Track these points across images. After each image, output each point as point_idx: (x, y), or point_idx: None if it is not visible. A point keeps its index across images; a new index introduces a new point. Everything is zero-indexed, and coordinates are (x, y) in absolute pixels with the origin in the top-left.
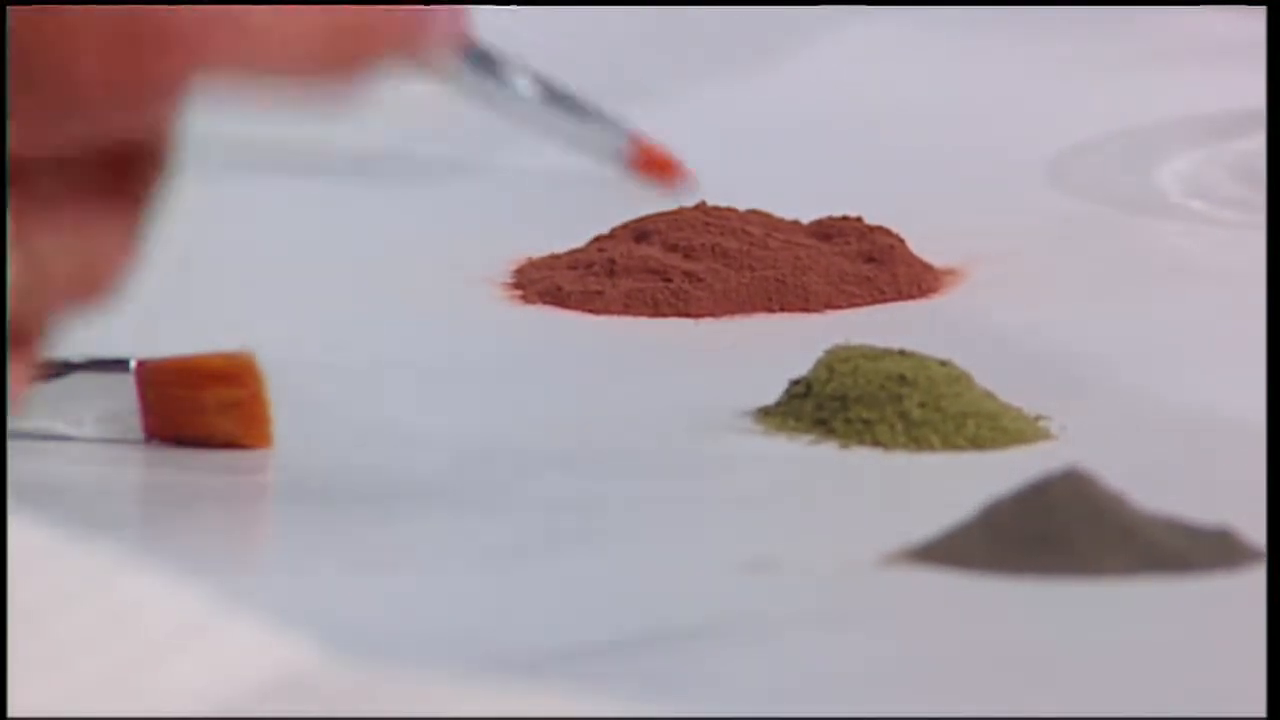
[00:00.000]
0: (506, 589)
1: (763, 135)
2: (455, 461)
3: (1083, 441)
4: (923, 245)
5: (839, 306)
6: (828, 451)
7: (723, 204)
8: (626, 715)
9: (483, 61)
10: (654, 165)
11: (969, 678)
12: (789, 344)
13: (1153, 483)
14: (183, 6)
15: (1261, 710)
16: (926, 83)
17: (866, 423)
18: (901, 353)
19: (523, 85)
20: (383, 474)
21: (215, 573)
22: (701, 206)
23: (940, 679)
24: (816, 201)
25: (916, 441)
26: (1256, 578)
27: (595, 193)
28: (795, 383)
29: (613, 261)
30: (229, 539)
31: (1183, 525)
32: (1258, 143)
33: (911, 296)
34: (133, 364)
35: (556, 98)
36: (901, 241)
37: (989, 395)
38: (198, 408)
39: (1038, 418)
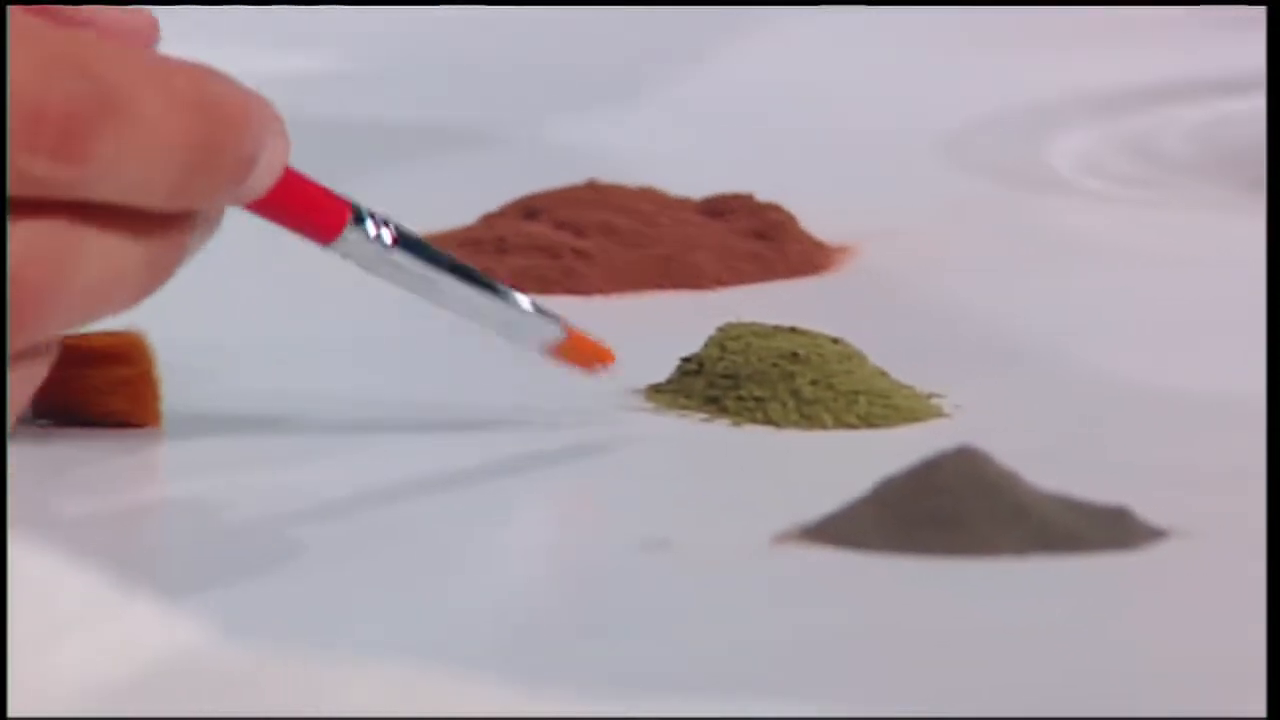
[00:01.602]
0: (393, 572)
1: (654, 114)
2: (344, 441)
3: (975, 419)
4: (814, 222)
5: (730, 284)
6: (719, 429)
7: (613, 181)
8: (514, 701)
9: (411, 247)
10: (583, 354)
11: (861, 657)
12: (680, 321)
13: (1047, 461)
14: None
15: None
16: (817, 61)
17: (758, 400)
18: (793, 330)
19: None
20: (273, 452)
21: (106, 553)
22: (591, 184)
23: (832, 659)
24: (707, 179)
25: (808, 419)
26: (1152, 557)
27: (484, 170)
28: (686, 360)
29: (502, 239)
30: (119, 519)
31: (1077, 504)
32: (1150, 120)
33: (803, 273)
34: None
35: (481, 284)
36: (792, 218)
37: (881, 373)
38: (87, 387)
39: (930, 395)
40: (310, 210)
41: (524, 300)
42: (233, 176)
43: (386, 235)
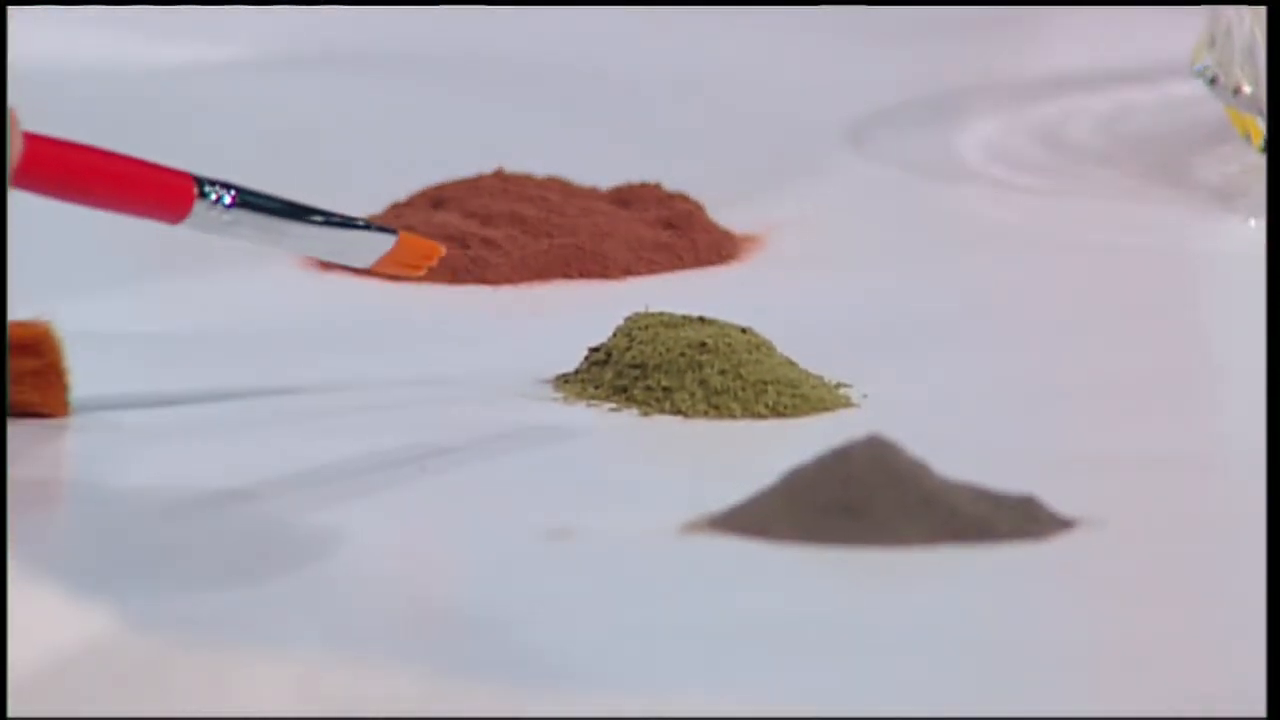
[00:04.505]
0: (301, 559)
1: (560, 103)
2: (251, 431)
3: (884, 409)
4: (722, 212)
5: (638, 273)
6: (627, 419)
7: (520, 171)
8: (418, 691)
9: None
10: (418, 253)
11: (769, 647)
12: (588, 311)
13: (955, 451)
14: None
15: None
16: (724, 50)
17: (666, 390)
18: (701, 320)
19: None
20: (180, 443)
21: (14, 542)
22: (499, 174)
23: (740, 648)
24: (614, 168)
25: (717, 409)
26: (1059, 546)
27: (392, 159)
28: (594, 350)
29: (410, 228)
30: (27, 507)
31: (985, 493)
32: (1057, 108)
33: (711, 263)
34: None
35: (320, 218)
36: (700, 208)
37: (789, 363)
38: None
39: (838, 385)
40: (159, 195)
41: (359, 221)
42: None
43: (227, 198)
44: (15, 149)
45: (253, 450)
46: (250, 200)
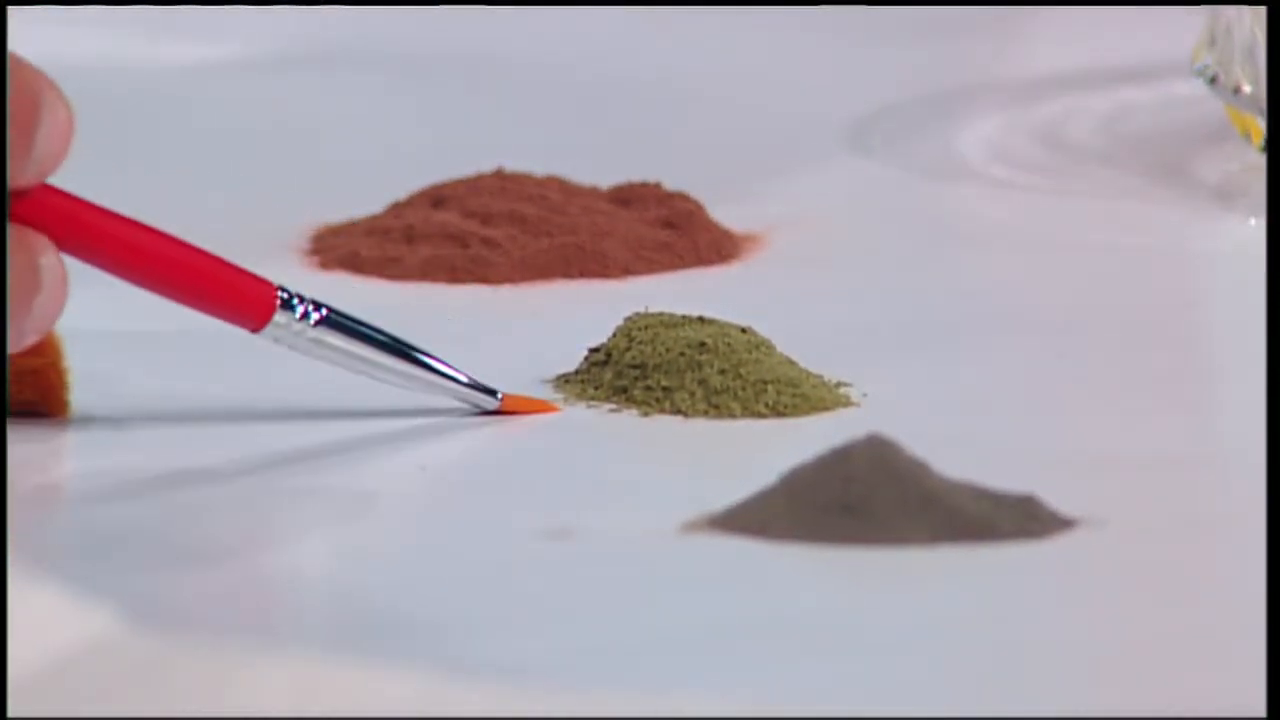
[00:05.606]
0: (301, 559)
1: (560, 102)
2: (252, 429)
3: (884, 408)
4: (722, 211)
5: (638, 273)
6: (627, 419)
7: (520, 171)
8: (421, 691)
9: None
10: (523, 408)
11: (769, 646)
12: (588, 311)
13: (956, 450)
14: None
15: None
16: (724, 50)
17: (666, 390)
18: (701, 319)
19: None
20: (184, 442)
21: (16, 543)
22: (499, 173)
23: (740, 648)
24: (614, 168)
25: (717, 409)
26: (1059, 545)
27: (392, 159)
28: (594, 350)
29: (410, 228)
30: (27, 507)
31: (986, 493)
32: (1058, 108)
33: (711, 263)
34: None
35: (420, 362)
36: (701, 207)
37: (789, 362)
38: None
39: (839, 384)
40: (237, 300)
41: (459, 375)
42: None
43: (314, 316)
44: (60, 121)
45: (253, 450)
46: (339, 323)
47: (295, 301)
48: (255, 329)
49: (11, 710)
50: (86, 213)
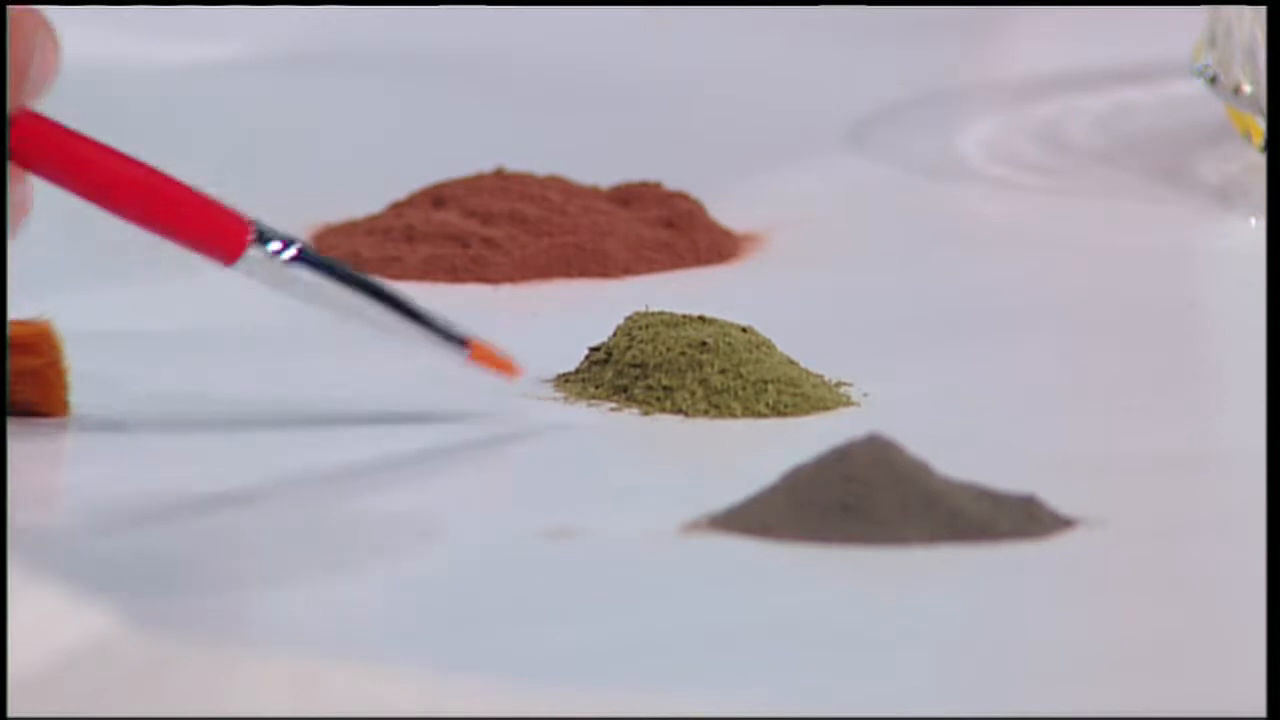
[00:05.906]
0: (300, 563)
1: (560, 102)
2: (252, 433)
3: (885, 408)
4: (722, 211)
5: (639, 272)
6: (628, 419)
7: (520, 170)
8: (421, 691)
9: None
10: (490, 362)
11: (769, 646)
12: (588, 310)
13: (955, 450)
14: None
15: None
16: (724, 49)
17: (667, 390)
18: (702, 319)
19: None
20: (182, 444)
21: (14, 542)
22: (499, 173)
23: (740, 648)
24: (614, 168)
25: (717, 408)
26: (1060, 545)
27: (392, 159)
28: (595, 349)
29: (411, 227)
30: (27, 507)
31: (986, 493)
32: (1058, 108)
33: (711, 262)
34: None
35: (395, 304)
36: (701, 207)
37: (790, 362)
38: None
39: (839, 384)
40: (212, 231)
41: (432, 316)
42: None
43: (288, 252)
44: (47, 58)
45: (253, 450)
46: (313, 260)
47: (270, 237)
48: (229, 261)
49: (11, 710)
50: (64, 136)
